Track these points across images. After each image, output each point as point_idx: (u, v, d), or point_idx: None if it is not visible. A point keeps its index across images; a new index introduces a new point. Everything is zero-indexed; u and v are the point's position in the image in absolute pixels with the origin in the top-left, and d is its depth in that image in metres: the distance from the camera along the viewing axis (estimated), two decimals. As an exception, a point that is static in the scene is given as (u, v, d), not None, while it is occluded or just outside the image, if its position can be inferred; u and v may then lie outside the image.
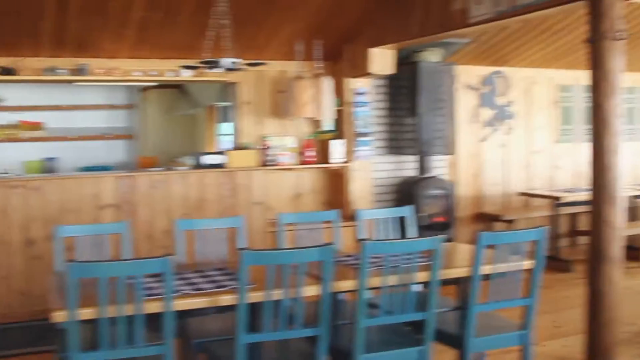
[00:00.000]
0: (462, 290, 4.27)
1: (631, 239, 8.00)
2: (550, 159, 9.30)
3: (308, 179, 7.73)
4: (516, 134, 9.00)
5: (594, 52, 4.81)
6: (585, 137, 9.46)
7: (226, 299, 3.36)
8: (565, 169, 9.41)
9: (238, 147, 7.35)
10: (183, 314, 3.35)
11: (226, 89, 7.72)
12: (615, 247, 4.77)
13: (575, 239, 9.16)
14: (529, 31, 7.75)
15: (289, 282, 3.32)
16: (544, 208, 8.81)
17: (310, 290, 3.43)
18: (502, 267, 3.83)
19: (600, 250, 4.73)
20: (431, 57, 7.73)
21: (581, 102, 9.47)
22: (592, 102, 4.84)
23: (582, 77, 9.38)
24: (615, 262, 4.78)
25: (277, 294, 3.32)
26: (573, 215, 9.10)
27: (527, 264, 3.95)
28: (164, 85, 8.72)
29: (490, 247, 3.75)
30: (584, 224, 9.18)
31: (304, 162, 7.48)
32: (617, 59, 4.76)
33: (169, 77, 7.03)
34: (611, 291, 4.75)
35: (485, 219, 8.62)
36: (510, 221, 8.39)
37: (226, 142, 7.94)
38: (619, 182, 4.80)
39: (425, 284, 3.68)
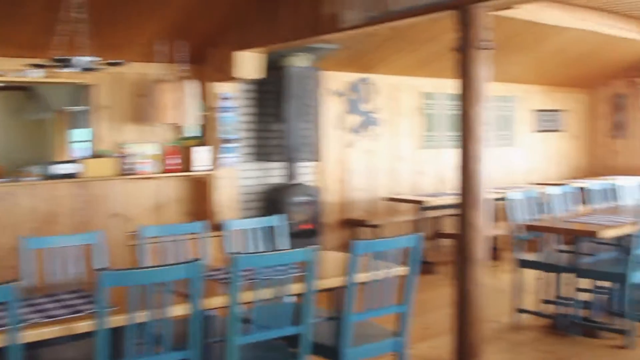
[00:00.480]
0: (335, 299, 4.17)
1: (492, 239, 8.23)
2: (414, 165, 9.44)
3: (170, 188, 7.38)
4: (382, 140, 9.08)
5: (460, 61, 4.87)
6: (447, 143, 9.70)
7: (83, 326, 3.01)
8: (428, 174, 9.59)
9: (95, 155, 6.89)
10: (34, 345, 2.97)
11: (81, 92, 7.21)
12: (480, 249, 4.84)
13: (439, 241, 9.33)
14: (396, 39, 7.82)
15: (155, 302, 3.06)
16: (409, 212, 8.93)
17: (179, 310, 3.19)
18: (377, 275, 3.74)
19: (466, 252, 4.80)
20: (299, 62, 7.63)
21: (444, 110, 9.68)
22: (459, 109, 4.89)
23: (445, 85, 9.62)
24: (481, 264, 4.86)
25: (141, 316, 3.05)
26: (436, 219, 9.26)
27: (401, 270, 3.88)
28: (8, 87, 8.06)
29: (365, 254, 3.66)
30: (447, 227, 9.39)
31: (166, 170, 7.12)
32: (482, 67, 4.84)
33: (14, 77, 6.44)
34: (477, 291, 4.82)
35: (352, 225, 8.62)
36: (376, 226, 8.43)
37: (80, 149, 7.41)
38: (483, 187, 4.88)
39: (299, 295, 3.53)
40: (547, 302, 6.11)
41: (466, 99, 4.82)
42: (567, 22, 7.87)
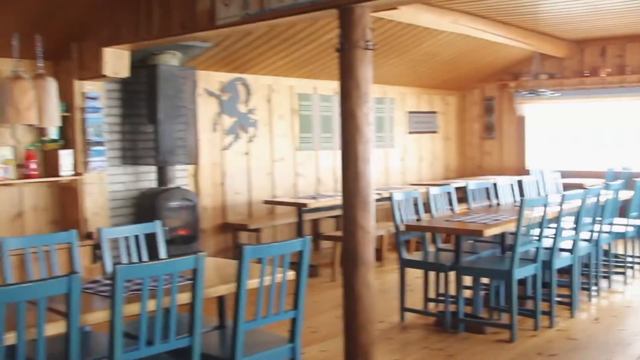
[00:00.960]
0: (221, 308, 3.97)
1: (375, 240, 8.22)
2: (291, 167, 9.32)
3: (32, 196, 6.80)
4: (258, 142, 8.89)
5: (344, 61, 4.76)
6: (323, 145, 9.64)
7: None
8: (306, 176, 9.49)
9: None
10: None
11: None
12: (370, 251, 4.77)
13: (319, 243, 9.26)
14: (272, 38, 7.66)
15: (26, 321, 2.73)
16: (288, 215, 8.80)
17: (55, 328, 2.87)
18: (268, 281, 3.55)
19: (355, 254, 4.70)
20: (171, 60, 7.31)
21: (319, 111, 9.62)
22: (344, 110, 4.79)
23: (320, 87, 9.57)
24: (370, 265, 4.78)
25: (10, 338, 2.71)
26: (316, 221, 9.19)
27: (291, 275, 3.72)
28: None
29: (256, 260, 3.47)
30: (327, 228, 9.34)
31: (26, 176, 6.52)
32: (367, 68, 4.76)
33: None
34: (367, 293, 4.74)
35: (231, 229, 8.39)
36: (256, 230, 8.23)
37: None
38: (372, 188, 4.80)
39: (183, 305, 3.29)
40: (431, 300, 6.15)
41: (352, 100, 4.73)
42: (442, 25, 7.99)
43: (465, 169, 12.04)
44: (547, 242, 5.61)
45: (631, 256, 7.20)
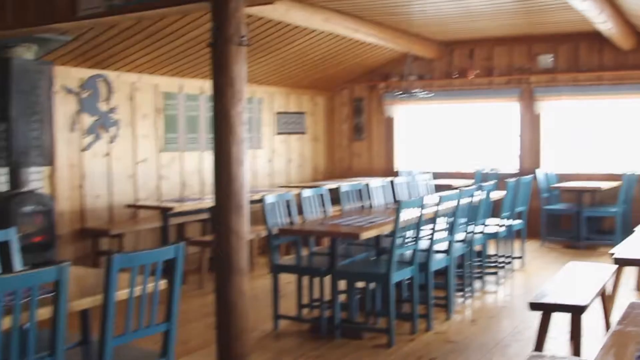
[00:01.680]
0: (87, 321, 3.64)
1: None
2: (155, 169, 8.92)
3: None
4: (120, 142, 8.44)
5: (218, 57, 4.53)
6: (189, 146, 9.32)
7: None
8: (170, 178, 9.12)
9: None
10: None
11: None
12: (244, 258, 4.57)
13: (185, 249, 8.89)
14: (138, 33, 7.27)
15: None
16: (152, 220, 8.42)
17: None
18: (138, 291, 3.27)
19: (229, 261, 4.50)
20: (25, 54, 6.77)
21: (184, 111, 9.28)
22: (217, 109, 4.56)
23: (186, 85, 9.24)
24: (245, 273, 4.59)
25: None
26: (181, 225, 8.84)
27: (163, 284, 3.45)
28: None
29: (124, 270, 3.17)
30: (193, 233, 9.01)
31: None
32: (242, 64, 4.56)
33: None
34: (241, 302, 4.57)
35: (91, 235, 7.90)
36: (118, 236, 7.80)
37: None
38: (246, 192, 4.60)
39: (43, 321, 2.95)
40: (305, 306, 6.00)
41: (226, 99, 4.51)
42: (314, 23, 7.88)
43: (334, 170, 12.01)
44: (423, 244, 5.60)
45: (503, 256, 7.36)
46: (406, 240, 5.34)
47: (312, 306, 6.08)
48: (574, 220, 9.27)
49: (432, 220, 5.61)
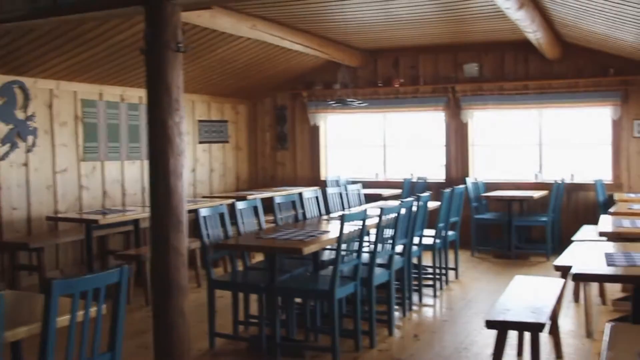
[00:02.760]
0: (19, 354, 3.35)
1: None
2: (75, 179, 8.53)
3: None
4: (39, 152, 8.03)
5: (153, 64, 4.31)
6: (109, 155, 8.97)
7: None
8: (91, 188, 8.74)
9: None
10: None
11: None
12: (184, 275, 4.35)
13: (107, 262, 8.54)
14: (57, 37, 6.92)
15: None
16: (73, 232, 8.05)
17: None
18: (79, 318, 3.02)
19: (168, 279, 4.28)
20: None
21: (105, 119, 8.92)
22: (153, 119, 4.33)
23: (106, 92, 8.91)
24: (185, 291, 4.37)
25: None
26: (103, 238, 8.48)
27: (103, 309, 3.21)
28: None
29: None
30: (115, 245, 8.67)
31: None
32: (178, 72, 4.35)
33: None
34: (182, 322, 4.36)
35: (9, 249, 7.47)
36: (38, 249, 7.39)
37: None
38: (184, 206, 4.39)
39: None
40: (241, 323, 5.78)
41: (162, 108, 4.28)
42: (241, 30, 7.69)
43: (258, 179, 11.80)
44: (363, 258, 5.47)
45: (437, 267, 7.20)
46: (350, 255, 5.18)
47: (249, 323, 5.87)
48: (504, 230, 9.29)
49: (375, 232, 5.48)
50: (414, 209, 6.25)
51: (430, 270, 7.42)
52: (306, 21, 8.30)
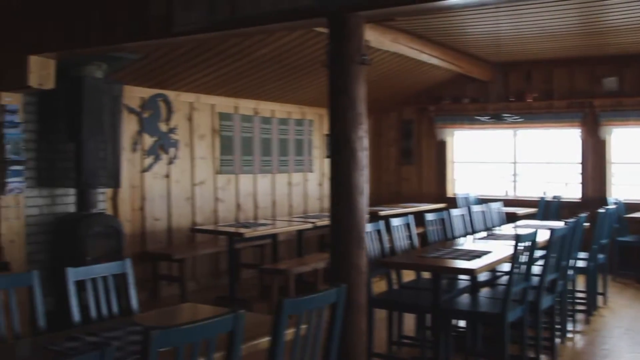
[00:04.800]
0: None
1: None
2: (211, 191, 8.63)
3: None
4: (179, 164, 8.16)
5: (336, 78, 4.26)
6: (245, 168, 9.03)
7: None
8: (226, 201, 8.82)
9: None
10: None
11: None
12: (364, 294, 4.25)
13: (240, 274, 8.58)
14: (203, 52, 7.00)
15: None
16: (211, 244, 8.14)
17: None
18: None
19: (348, 299, 4.13)
20: (95, 72, 6.51)
21: (241, 132, 9.00)
22: (336, 134, 4.27)
23: (241, 106, 8.99)
24: (364, 310, 4.27)
25: None
26: (236, 251, 8.51)
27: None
28: None
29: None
30: (246, 258, 8.70)
31: None
32: (362, 85, 4.27)
33: None
34: (360, 343, 4.22)
35: (151, 259, 7.60)
36: (180, 260, 7.49)
37: None
38: (365, 222, 4.29)
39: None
40: (395, 343, 5.64)
41: (346, 122, 4.22)
42: (384, 44, 7.60)
43: (381, 195, 11.60)
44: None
45: (588, 292, 6.84)
46: (521, 277, 4.96)
47: (401, 343, 5.73)
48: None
49: (546, 254, 5.24)
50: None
51: (580, 295, 7.08)
52: (442, 34, 8.16)
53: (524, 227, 6.99)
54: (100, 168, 6.54)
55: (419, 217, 6.72)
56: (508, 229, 7.07)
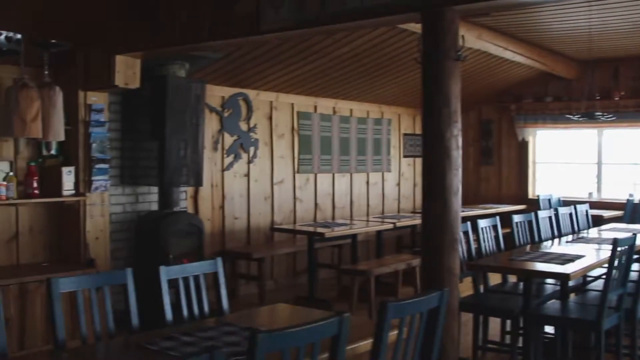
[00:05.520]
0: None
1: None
2: (290, 191, 8.60)
3: (27, 217, 5.97)
4: (259, 163, 8.15)
5: (430, 74, 4.13)
6: (322, 167, 8.96)
7: None
8: (304, 201, 8.78)
9: None
10: None
11: None
12: (456, 300, 4.11)
13: (317, 275, 8.51)
14: (286, 51, 6.95)
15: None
16: (288, 244, 8.10)
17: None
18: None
19: (440, 304, 4.02)
20: (178, 71, 6.54)
21: (319, 131, 8.94)
22: (429, 131, 4.15)
23: (320, 105, 8.92)
24: (455, 316, 4.12)
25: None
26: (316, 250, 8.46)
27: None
28: None
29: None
30: (323, 258, 8.62)
31: (26, 195, 5.68)
32: (457, 82, 4.13)
33: None
34: (452, 349, 4.08)
35: (229, 257, 7.59)
36: (259, 259, 7.47)
37: None
38: (459, 224, 4.15)
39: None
40: (480, 348, 5.47)
41: (441, 119, 4.09)
42: (469, 41, 7.38)
43: (462, 196, 11.33)
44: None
45: None
46: (617, 283, 4.74)
47: (486, 348, 5.55)
48: None
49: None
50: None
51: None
52: (528, 30, 7.89)
53: (611, 231, 6.74)
54: (183, 166, 6.57)
55: (501, 218, 6.51)
56: (595, 232, 6.81)
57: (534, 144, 10.86)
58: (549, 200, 9.83)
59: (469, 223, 5.60)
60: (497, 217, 6.04)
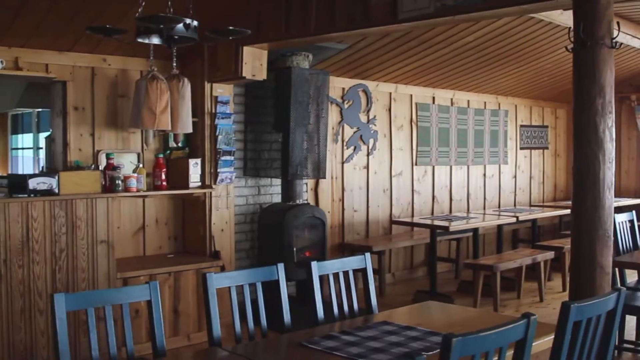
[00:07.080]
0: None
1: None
2: (408, 183, 8.46)
3: (153, 208, 6.07)
4: (377, 155, 8.05)
5: (583, 62, 3.89)
6: (441, 160, 8.79)
7: None
8: (422, 193, 8.63)
9: (69, 167, 5.51)
10: None
11: (34, 90, 5.79)
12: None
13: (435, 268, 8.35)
14: (409, 40, 6.80)
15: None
16: (405, 237, 7.98)
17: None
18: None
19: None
20: (302, 62, 6.50)
21: (436, 123, 8.75)
22: (581, 122, 3.92)
23: (438, 96, 8.74)
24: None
25: None
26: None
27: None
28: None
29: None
30: (440, 252, 8.45)
31: (155, 187, 5.79)
32: (612, 70, 3.90)
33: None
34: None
35: (348, 250, 7.54)
36: (379, 252, 7.39)
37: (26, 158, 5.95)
38: (612, 219, 3.93)
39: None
40: (616, 348, 5.20)
41: (595, 110, 3.86)
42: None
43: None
44: None
45: None
46: None
47: (622, 348, 5.28)
48: None
49: None
50: None
51: None
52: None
53: None
54: (307, 159, 6.54)
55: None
56: None
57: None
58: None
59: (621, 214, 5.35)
60: (633, 212, 5.74)
